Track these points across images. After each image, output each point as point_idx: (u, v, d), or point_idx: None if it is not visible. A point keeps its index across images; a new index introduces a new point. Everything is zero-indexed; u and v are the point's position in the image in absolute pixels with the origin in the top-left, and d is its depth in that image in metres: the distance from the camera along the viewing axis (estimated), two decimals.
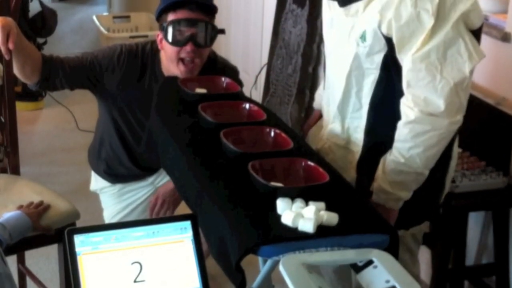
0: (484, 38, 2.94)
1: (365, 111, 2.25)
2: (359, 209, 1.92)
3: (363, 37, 2.14)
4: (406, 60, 2.07)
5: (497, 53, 2.94)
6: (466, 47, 2.05)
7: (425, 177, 2.16)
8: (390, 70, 2.14)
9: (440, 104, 2.05)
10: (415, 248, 2.47)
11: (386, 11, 2.07)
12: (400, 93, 2.12)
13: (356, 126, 2.29)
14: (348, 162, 2.32)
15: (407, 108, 2.09)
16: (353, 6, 2.17)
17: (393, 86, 2.16)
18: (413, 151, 2.10)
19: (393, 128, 2.14)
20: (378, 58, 2.15)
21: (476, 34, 2.12)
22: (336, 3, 2.23)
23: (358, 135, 2.29)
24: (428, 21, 2.03)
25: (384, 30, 2.08)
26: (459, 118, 2.11)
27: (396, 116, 2.13)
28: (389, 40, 2.09)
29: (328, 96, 2.38)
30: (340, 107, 2.30)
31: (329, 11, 2.32)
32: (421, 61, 2.04)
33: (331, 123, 2.36)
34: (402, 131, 2.11)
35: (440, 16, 2.03)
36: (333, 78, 2.33)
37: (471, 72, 2.08)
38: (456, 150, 2.37)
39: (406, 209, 2.23)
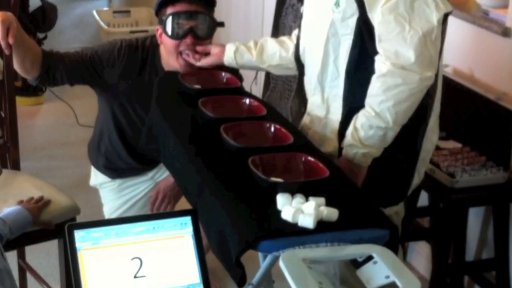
0: (484, 32, 2.95)
1: (342, 78, 2.28)
2: (359, 204, 1.92)
3: (337, 3, 2.19)
4: (376, 14, 2.11)
5: (498, 48, 2.94)
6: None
7: (394, 133, 2.18)
8: (363, 34, 2.18)
9: (410, 55, 2.08)
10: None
11: None
12: (373, 58, 2.17)
13: (334, 95, 2.32)
14: (329, 132, 2.35)
15: (380, 62, 2.12)
16: None
17: (365, 50, 2.20)
18: (384, 104, 2.13)
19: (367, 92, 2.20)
20: (352, 22, 2.19)
21: None
22: None
23: (337, 104, 2.32)
24: None
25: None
26: (430, 74, 2.13)
27: (370, 78, 2.17)
28: (359, 2, 2.14)
29: (310, 75, 2.41)
30: (320, 78, 2.33)
31: None
32: (390, 12, 2.09)
33: (312, 96, 2.40)
34: (374, 85, 2.14)
35: None
36: (312, 53, 2.37)
37: (439, 22, 2.11)
38: (434, 132, 2.41)
39: (380, 187, 2.27)
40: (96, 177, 3.06)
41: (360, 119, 2.18)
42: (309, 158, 2.00)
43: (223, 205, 1.86)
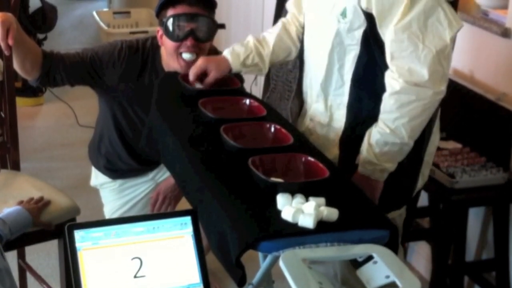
0: (484, 33, 2.95)
1: (347, 87, 2.28)
2: (359, 205, 1.92)
3: (343, 14, 2.18)
4: (388, 32, 2.11)
5: (498, 49, 2.94)
6: (445, 15, 2.11)
7: (410, 148, 2.20)
8: (370, 46, 2.19)
9: (424, 73, 2.09)
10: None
11: None
12: (382, 68, 2.17)
13: (338, 103, 2.32)
14: (331, 140, 2.36)
15: (392, 79, 2.13)
16: None
17: (374, 61, 2.20)
18: (399, 121, 2.14)
19: (375, 103, 2.20)
20: (358, 34, 2.19)
21: (453, 3, 2.20)
22: None
23: (340, 112, 2.32)
24: None
25: (364, 5, 2.12)
26: (443, 88, 2.15)
27: (378, 91, 2.18)
28: (368, 16, 2.13)
29: (310, 78, 2.41)
30: (323, 85, 2.33)
31: None
32: (403, 31, 2.09)
33: (315, 103, 2.40)
34: (387, 102, 2.15)
35: None
36: (315, 58, 2.36)
37: (452, 40, 2.13)
38: (437, 134, 2.42)
39: (385, 193, 2.27)
40: (97, 178, 3.06)
41: (375, 136, 2.18)
42: (309, 158, 2.00)
43: (223, 205, 1.86)
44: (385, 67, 2.16)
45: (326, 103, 2.36)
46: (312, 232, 1.73)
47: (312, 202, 1.78)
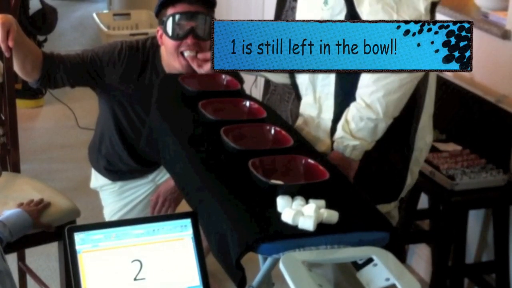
0: (484, 35, 2.95)
1: (333, 77, 2.30)
2: (359, 207, 1.92)
3: (325, 1, 2.22)
4: (364, 7, 2.13)
5: (497, 51, 2.94)
6: None
7: (385, 125, 2.20)
8: None
9: None
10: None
11: None
12: None
13: (326, 93, 2.33)
14: (322, 131, 2.36)
15: None
16: None
17: None
18: (374, 95, 2.15)
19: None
20: (341, 18, 2.19)
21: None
22: None
23: (329, 102, 2.33)
24: None
25: None
26: None
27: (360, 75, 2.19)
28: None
29: (298, 76, 2.43)
30: (311, 77, 2.35)
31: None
32: (377, 2, 2.11)
33: (304, 96, 2.41)
34: (364, 76, 2.16)
35: None
36: None
37: (426, 10, 2.13)
38: (428, 131, 2.41)
39: (372, 184, 2.27)
40: (97, 180, 3.06)
41: (351, 111, 2.20)
42: (309, 160, 2.00)
43: (223, 207, 1.86)
44: None
45: (314, 95, 2.38)
46: (312, 234, 1.73)
47: (312, 204, 1.77)
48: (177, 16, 2.59)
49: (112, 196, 3.03)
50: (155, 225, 2.03)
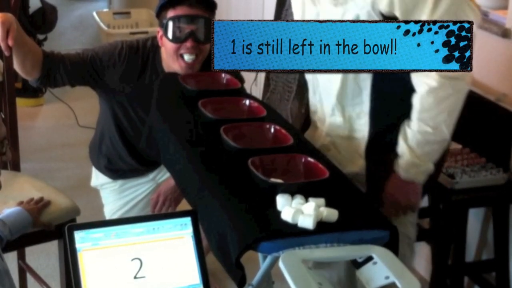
0: (484, 34, 2.95)
1: (366, 95, 2.23)
2: (359, 205, 1.92)
3: (357, 17, 2.13)
4: None
5: (498, 49, 2.94)
6: (470, 7, 2.07)
7: (446, 145, 2.18)
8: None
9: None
10: (412, 235, 2.44)
11: None
12: None
13: (358, 113, 2.28)
14: (354, 151, 2.30)
15: (425, 77, 2.07)
16: None
17: None
18: (439, 118, 2.11)
19: (401, 104, 2.15)
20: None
21: None
22: None
23: (361, 121, 2.28)
24: None
25: (385, 8, 2.06)
26: (471, 76, 2.13)
27: (403, 94, 2.14)
28: (388, 19, 2.06)
29: (321, 93, 2.37)
30: (339, 97, 2.28)
31: (314, 6, 2.27)
32: None
33: (330, 117, 2.35)
34: (425, 100, 2.10)
35: None
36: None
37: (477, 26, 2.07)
38: None
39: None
40: (97, 178, 3.06)
41: (415, 137, 2.14)
42: (309, 159, 2.01)
43: (223, 206, 1.86)
44: None
45: (344, 114, 2.31)
46: (311, 232, 1.73)
47: (312, 203, 1.78)
48: (177, 19, 2.58)
49: (113, 195, 3.04)
50: (155, 224, 2.03)
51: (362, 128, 2.28)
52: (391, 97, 2.21)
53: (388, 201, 2.23)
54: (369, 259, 1.70)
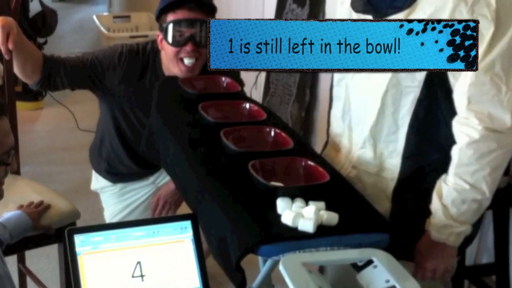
0: None
1: (403, 133, 2.05)
2: (359, 209, 1.92)
3: None
4: (466, 74, 1.86)
5: None
6: None
7: (488, 203, 1.97)
8: (434, 87, 1.95)
9: (506, 119, 1.85)
10: None
11: None
12: (444, 114, 1.96)
13: (391, 151, 2.09)
14: (381, 191, 2.12)
15: (468, 127, 1.88)
16: (391, 19, 1.88)
17: (437, 105, 1.97)
18: (479, 174, 1.90)
19: (440, 154, 1.98)
20: (421, 75, 1.94)
21: None
22: (368, 17, 2.03)
23: (393, 161, 2.09)
24: (488, 28, 1.82)
25: None
26: None
27: (441, 140, 1.98)
28: None
29: (351, 119, 2.20)
30: (373, 131, 2.10)
31: None
32: (485, 73, 1.84)
33: (360, 149, 2.16)
34: (464, 153, 1.90)
35: (500, 21, 1.83)
36: (363, 100, 2.13)
37: None
38: None
39: None
40: (97, 181, 3.06)
41: (450, 195, 1.94)
42: (309, 162, 2.01)
43: (223, 209, 1.86)
44: (449, 113, 1.94)
45: (375, 150, 2.12)
46: (312, 236, 1.73)
47: (312, 206, 1.78)
48: (177, 23, 2.58)
49: (113, 198, 3.04)
50: (155, 227, 2.03)
51: (393, 168, 2.09)
52: (430, 142, 2.01)
53: (417, 263, 2.05)
54: (369, 262, 1.70)
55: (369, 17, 2.02)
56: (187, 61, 2.61)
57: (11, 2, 2.86)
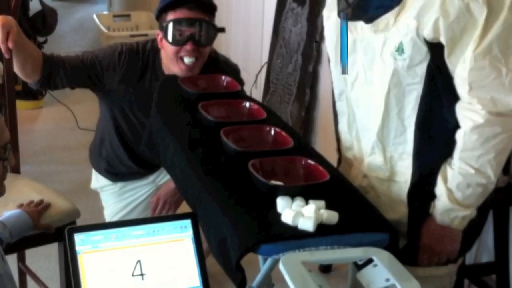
0: None
1: (410, 133, 2.01)
2: (359, 208, 1.92)
3: (399, 49, 1.92)
4: (461, 61, 1.85)
5: None
6: None
7: (493, 187, 1.96)
8: (435, 81, 1.92)
9: (509, 101, 1.83)
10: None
11: (425, 14, 1.85)
12: (449, 103, 1.92)
13: (401, 153, 2.05)
14: (395, 196, 2.08)
15: (472, 112, 1.86)
16: (382, 20, 1.95)
17: (440, 99, 1.94)
18: (484, 158, 1.88)
19: (450, 146, 1.94)
20: (421, 69, 1.92)
21: None
22: (359, 23, 2.02)
23: (404, 163, 2.05)
24: (481, 11, 1.80)
25: (429, 34, 1.85)
26: None
27: (450, 133, 1.94)
28: (433, 46, 1.87)
29: (358, 129, 2.17)
30: (380, 135, 2.06)
31: (350, 34, 2.07)
32: (484, 56, 1.82)
33: (369, 156, 2.12)
34: (468, 138, 1.88)
35: (491, 4, 1.80)
36: (366, 106, 2.10)
37: None
38: None
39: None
40: (97, 180, 3.06)
41: (455, 179, 1.93)
42: (309, 161, 2.01)
43: (223, 208, 1.86)
44: (450, 103, 1.92)
45: (384, 154, 2.08)
46: (312, 235, 1.73)
47: (312, 205, 1.78)
48: (177, 22, 2.58)
49: (113, 197, 3.04)
50: (155, 226, 2.03)
51: (405, 170, 2.05)
52: (438, 138, 1.98)
53: (422, 246, 2.04)
54: (369, 261, 1.70)
55: (361, 23, 2.01)
56: (187, 60, 2.61)
57: (11, 1, 2.86)
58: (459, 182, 1.92)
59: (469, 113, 1.87)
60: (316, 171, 1.96)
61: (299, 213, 1.76)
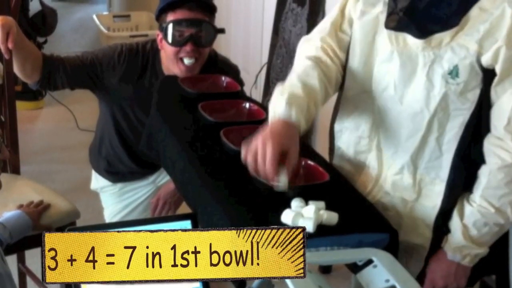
0: None
1: (447, 160, 1.92)
2: (359, 208, 1.92)
3: (453, 73, 1.80)
4: (507, 93, 1.77)
5: None
6: None
7: (508, 228, 1.93)
8: (483, 109, 1.84)
9: None
10: None
11: (489, 40, 1.75)
12: (486, 134, 1.86)
13: (433, 178, 1.96)
14: (419, 219, 2.00)
15: (502, 149, 1.81)
16: (436, 37, 1.82)
17: (481, 126, 1.87)
18: (505, 199, 1.83)
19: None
20: (473, 95, 1.82)
21: None
22: (405, 36, 1.88)
23: (435, 188, 1.96)
24: None
25: (487, 61, 1.76)
26: None
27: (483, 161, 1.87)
28: (488, 73, 1.78)
29: (381, 138, 2.05)
30: (414, 156, 1.96)
31: (390, 45, 1.91)
32: None
33: (396, 174, 2.02)
34: (494, 176, 1.82)
35: None
36: (396, 121, 1.98)
37: None
38: None
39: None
40: (97, 181, 3.06)
41: (473, 216, 1.87)
42: (309, 162, 2.00)
43: (223, 209, 1.86)
44: (487, 133, 1.85)
45: (414, 176, 1.98)
46: (311, 236, 1.73)
47: (312, 206, 1.77)
48: (177, 23, 2.58)
49: (113, 198, 3.04)
50: (155, 227, 2.03)
51: (434, 196, 1.96)
52: (476, 168, 1.89)
53: (429, 279, 1.99)
54: (369, 262, 1.69)
55: (404, 34, 1.88)
56: (187, 61, 2.61)
57: (11, 1, 2.86)
58: (476, 220, 1.87)
59: (498, 150, 1.81)
60: (316, 172, 1.96)
61: (299, 213, 1.76)
